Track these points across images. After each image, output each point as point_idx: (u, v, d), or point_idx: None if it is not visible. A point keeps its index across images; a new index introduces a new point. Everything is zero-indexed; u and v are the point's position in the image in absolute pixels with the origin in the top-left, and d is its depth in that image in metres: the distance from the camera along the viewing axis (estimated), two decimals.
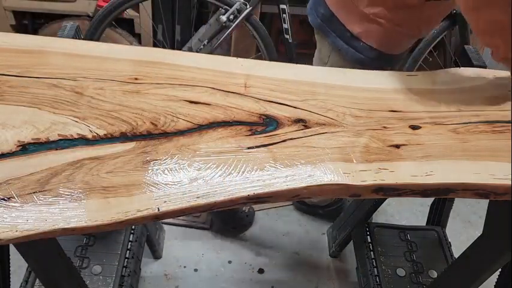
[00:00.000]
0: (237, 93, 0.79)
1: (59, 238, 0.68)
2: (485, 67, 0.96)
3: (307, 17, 1.24)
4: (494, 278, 1.07)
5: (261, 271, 1.59)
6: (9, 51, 0.78)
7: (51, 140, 0.65)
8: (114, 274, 1.18)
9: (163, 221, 1.64)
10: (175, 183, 0.63)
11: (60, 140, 0.65)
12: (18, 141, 0.64)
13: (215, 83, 0.80)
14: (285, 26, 1.82)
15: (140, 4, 1.91)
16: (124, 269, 1.20)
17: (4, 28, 2.01)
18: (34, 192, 0.58)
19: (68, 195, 0.59)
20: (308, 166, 0.68)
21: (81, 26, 1.09)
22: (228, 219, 1.64)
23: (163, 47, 2.05)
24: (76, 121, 0.68)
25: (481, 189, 0.71)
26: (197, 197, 0.62)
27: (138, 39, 2.09)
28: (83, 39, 0.89)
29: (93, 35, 1.71)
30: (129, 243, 1.26)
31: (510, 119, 0.82)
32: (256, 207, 1.75)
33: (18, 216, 0.56)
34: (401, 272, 1.31)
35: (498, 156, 0.74)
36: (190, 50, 1.88)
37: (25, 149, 0.63)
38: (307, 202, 1.77)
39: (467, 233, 1.77)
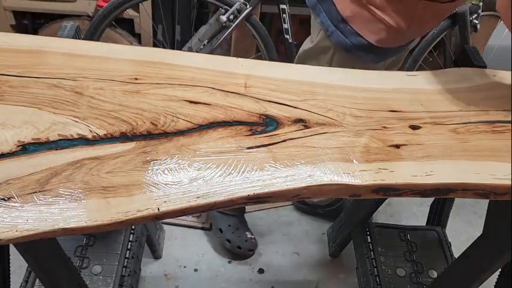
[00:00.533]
0: (237, 93, 0.79)
1: (59, 238, 0.68)
2: (485, 67, 0.96)
3: (307, 16, 1.24)
4: (494, 278, 1.07)
5: (261, 271, 1.59)
6: (9, 51, 0.78)
7: (51, 140, 0.65)
8: (114, 274, 1.18)
9: (163, 221, 1.64)
10: (175, 183, 0.63)
11: (60, 140, 0.65)
12: (18, 141, 0.64)
13: (215, 83, 0.80)
14: (285, 26, 1.82)
15: (140, 4, 1.91)
16: (124, 269, 1.20)
17: (4, 28, 2.01)
18: (34, 192, 0.58)
19: (68, 195, 0.59)
20: (308, 166, 0.68)
21: (81, 26, 1.09)
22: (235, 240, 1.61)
23: (163, 47, 2.05)
24: (76, 121, 0.69)
25: (481, 189, 0.71)
26: (197, 197, 0.62)
27: (138, 39, 2.08)
28: (83, 39, 0.89)
29: (93, 35, 1.71)
30: (129, 243, 1.26)
31: (510, 119, 0.82)
32: (256, 207, 1.75)
33: (18, 216, 0.56)
34: (401, 272, 1.31)
35: (498, 156, 0.74)
36: (190, 50, 1.88)
37: (25, 149, 0.63)
38: (307, 202, 1.77)
39: (467, 233, 1.77)
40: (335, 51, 1.14)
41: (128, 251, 1.24)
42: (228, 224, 1.62)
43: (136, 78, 0.78)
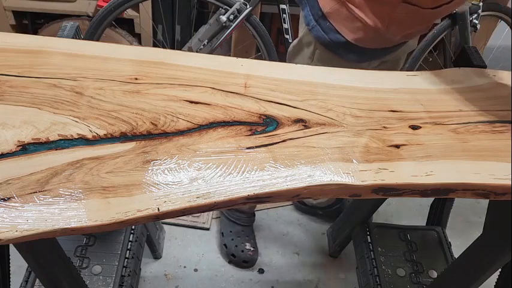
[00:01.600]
0: (237, 93, 0.79)
1: (59, 238, 0.68)
2: (485, 67, 0.96)
3: None
4: (494, 278, 1.07)
5: (261, 271, 1.59)
6: (9, 51, 0.78)
7: (51, 140, 0.65)
8: (114, 274, 1.18)
9: (163, 221, 1.64)
10: (175, 183, 0.63)
11: (60, 140, 0.65)
12: (18, 141, 0.64)
13: (215, 83, 0.80)
14: (285, 26, 1.82)
15: (140, 4, 1.91)
16: (124, 269, 1.20)
17: (4, 28, 2.01)
18: (34, 192, 0.58)
19: (68, 195, 0.59)
20: (308, 166, 0.68)
21: (81, 26, 1.09)
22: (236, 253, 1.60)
23: (163, 47, 2.05)
24: (76, 121, 0.69)
25: (481, 189, 0.71)
26: (197, 197, 0.62)
27: (138, 39, 2.08)
28: (83, 39, 0.89)
29: (93, 35, 1.71)
30: (129, 243, 1.26)
31: (510, 119, 0.82)
32: (256, 207, 1.75)
33: (18, 216, 0.56)
34: (401, 272, 1.31)
35: (498, 156, 0.74)
36: (190, 50, 1.88)
37: (25, 149, 0.63)
38: (307, 203, 1.77)
39: (467, 233, 1.77)
40: (316, 46, 1.14)
41: (128, 251, 1.24)
42: (230, 230, 1.62)
43: (136, 78, 0.78)
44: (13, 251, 0.80)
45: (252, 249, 1.59)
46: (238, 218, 1.61)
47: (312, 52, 1.15)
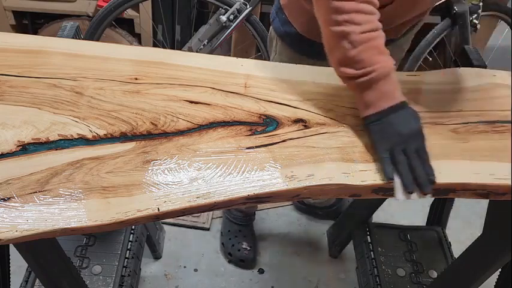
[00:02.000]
0: (237, 93, 0.79)
1: (59, 238, 0.68)
2: (485, 67, 0.95)
3: None
4: (494, 278, 1.07)
5: (261, 271, 1.58)
6: (9, 51, 0.78)
7: (51, 140, 0.65)
8: (114, 274, 1.18)
9: (163, 221, 1.64)
10: (175, 183, 0.63)
11: (60, 140, 0.65)
12: (18, 141, 0.64)
13: (215, 83, 0.80)
14: None
15: (140, 4, 1.90)
16: (124, 269, 1.20)
17: (4, 28, 2.01)
18: (34, 192, 0.58)
19: (68, 195, 0.59)
20: (308, 166, 0.68)
21: (81, 26, 1.09)
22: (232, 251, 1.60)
23: (163, 47, 2.05)
24: (76, 121, 0.69)
25: (481, 189, 0.71)
26: (197, 197, 0.62)
27: (138, 39, 2.08)
28: (83, 39, 0.89)
29: (93, 35, 1.71)
30: (129, 243, 1.26)
31: (510, 119, 0.82)
32: (257, 207, 1.75)
33: (18, 216, 0.56)
34: (401, 272, 1.31)
35: (498, 156, 0.74)
36: (190, 50, 1.88)
37: (25, 149, 0.63)
38: (306, 202, 1.77)
39: (467, 233, 1.77)
40: (277, 40, 1.14)
41: (128, 251, 1.24)
42: (229, 229, 1.62)
43: (136, 78, 0.78)
44: (13, 251, 0.80)
45: (249, 248, 1.59)
46: (236, 217, 1.61)
47: (275, 45, 1.16)
